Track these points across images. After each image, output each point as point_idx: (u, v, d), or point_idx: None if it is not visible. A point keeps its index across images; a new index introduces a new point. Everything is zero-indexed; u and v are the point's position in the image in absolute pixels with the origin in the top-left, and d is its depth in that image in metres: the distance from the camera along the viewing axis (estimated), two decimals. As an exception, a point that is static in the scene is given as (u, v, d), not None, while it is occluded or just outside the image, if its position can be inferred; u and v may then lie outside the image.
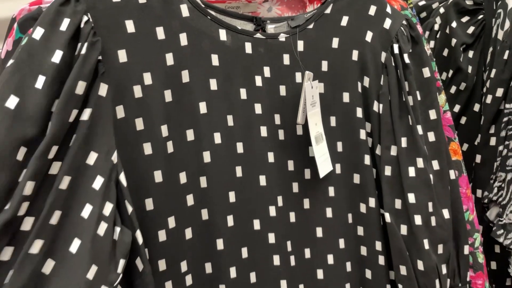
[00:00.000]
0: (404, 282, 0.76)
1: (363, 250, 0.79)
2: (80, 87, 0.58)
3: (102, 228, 0.58)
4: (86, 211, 0.58)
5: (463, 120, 1.06)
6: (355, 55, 0.78)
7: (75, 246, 0.56)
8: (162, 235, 0.67)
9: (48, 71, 0.57)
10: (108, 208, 0.59)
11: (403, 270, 0.76)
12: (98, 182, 0.59)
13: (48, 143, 0.55)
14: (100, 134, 0.60)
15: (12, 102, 0.55)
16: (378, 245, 0.78)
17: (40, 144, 0.55)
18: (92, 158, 0.59)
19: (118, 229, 0.60)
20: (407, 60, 0.77)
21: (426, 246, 0.75)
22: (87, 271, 0.55)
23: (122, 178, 0.62)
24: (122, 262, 0.59)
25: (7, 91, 0.55)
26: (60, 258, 0.56)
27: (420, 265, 0.75)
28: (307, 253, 0.77)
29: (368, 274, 0.80)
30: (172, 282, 0.68)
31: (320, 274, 0.77)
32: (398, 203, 0.76)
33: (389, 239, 0.77)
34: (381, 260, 0.79)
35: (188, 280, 0.70)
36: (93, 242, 0.56)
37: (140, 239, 0.62)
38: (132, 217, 0.61)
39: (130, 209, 0.61)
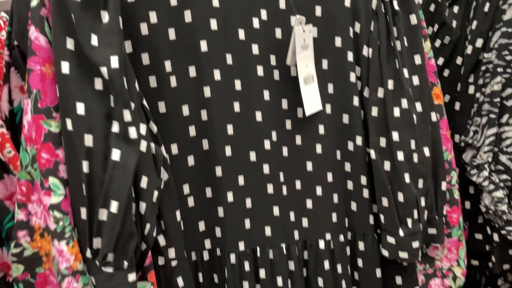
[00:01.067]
0: (386, 213, 0.83)
1: (350, 185, 0.86)
2: None
3: (143, 145, 0.66)
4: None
5: (446, 72, 1.11)
6: (347, 1, 0.82)
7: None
8: (168, 159, 0.74)
9: None
10: (143, 128, 0.67)
11: (385, 201, 0.82)
12: (132, 106, 0.66)
13: None
14: (128, 66, 0.67)
15: None
16: (363, 180, 0.85)
17: None
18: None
19: (153, 144, 0.69)
20: (396, 7, 0.82)
21: (407, 180, 0.81)
22: (140, 181, 0.67)
23: (145, 102, 0.69)
24: (162, 170, 0.70)
25: None
26: None
27: (401, 197, 0.81)
28: (298, 184, 0.83)
29: (353, 206, 0.86)
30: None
31: (309, 203, 0.84)
32: (382, 141, 0.83)
33: (373, 174, 0.83)
34: (366, 193, 0.85)
35: (190, 201, 0.77)
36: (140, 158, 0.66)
37: (165, 153, 0.71)
38: (157, 135, 0.70)
39: (155, 128, 0.70)
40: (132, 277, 0.66)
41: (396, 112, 0.81)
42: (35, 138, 0.65)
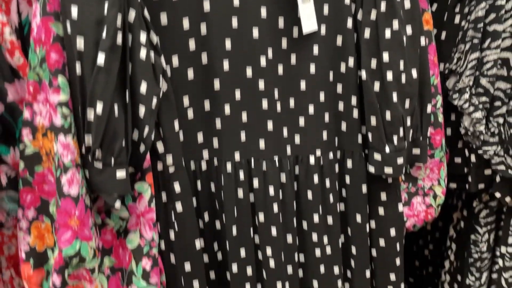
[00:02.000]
0: (373, 131, 0.87)
1: (341, 106, 0.89)
2: None
3: (143, 52, 0.69)
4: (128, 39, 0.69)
5: (434, 7, 1.12)
6: None
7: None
8: (167, 71, 0.76)
9: None
10: (143, 36, 0.69)
11: (373, 120, 0.86)
12: (132, 14, 0.69)
13: None
14: None
15: None
16: (354, 100, 0.88)
17: None
18: None
19: (152, 53, 0.71)
20: None
21: (395, 99, 0.85)
22: (140, 86, 0.71)
23: (146, 13, 0.71)
24: (162, 79, 0.73)
25: None
26: None
27: (388, 115, 0.85)
28: (292, 102, 0.86)
29: (343, 126, 0.90)
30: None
31: (301, 121, 0.87)
32: (373, 62, 0.85)
33: (364, 94, 0.86)
34: (355, 113, 0.89)
35: (190, 114, 0.80)
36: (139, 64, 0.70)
37: (164, 64, 0.74)
38: (157, 46, 0.72)
39: (155, 39, 0.72)
40: (120, 174, 0.70)
41: (387, 33, 0.84)
42: (45, 40, 0.67)
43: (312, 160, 0.87)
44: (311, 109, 0.87)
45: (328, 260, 0.89)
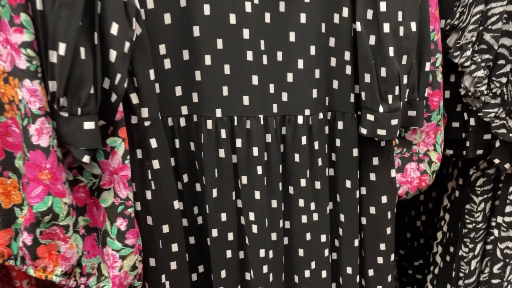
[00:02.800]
0: (367, 89, 0.81)
1: (333, 61, 0.83)
2: None
3: None
4: None
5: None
6: None
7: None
8: (142, 14, 0.69)
9: None
10: None
11: (367, 77, 0.80)
12: None
13: None
14: None
15: None
16: (347, 55, 0.82)
17: None
18: None
19: None
20: None
21: (391, 54, 0.78)
22: (110, 27, 0.64)
23: None
24: (134, 22, 0.66)
25: None
26: None
27: (383, 71, 0.79)
28: (279, 55, 0.80)
29: (335, 84, 0.84)
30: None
31: (289, 77, 0.81)
32: (369, 13, 0.78)
33: (358, 48, 0.80)
34: (348, 70, 0.83)
35: (167, 63, 0.74)
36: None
37: (138, 4, 0.68)
38: None
39: None
40: (88, 125, 0.64)
41: (385, -19, 0.77)
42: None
43: (300, 120, 0.82)
44: (300, 64, 0.81)
45: (314, 228, 0.86)
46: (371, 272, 0.90)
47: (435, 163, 0.93)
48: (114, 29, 0.65)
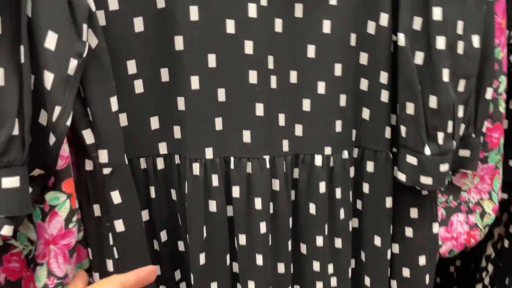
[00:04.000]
0: (409, 123, 0.63)
1: (364, 84, 0.65)
2: None
3: None
4: None
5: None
6: None
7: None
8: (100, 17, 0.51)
9: None
10: None
11: (410, 107, 0.62)
12: None
13: None
14: None
15: None
16: (383, 77, 0.63)
17: None
18: None
19: None
20: None
21: (445, 78, 0.60)
22: (44, 38, 0.46)
23: None
24: (86, 29, 0.49)
25: None
26: None
27: (433, 101, 0.61)
28: (293, 76, 0.62)
29: (366, 113, 0.66)
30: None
31: (306, 104, 0.63)
32: (417, 22, 0.60)
33: (399, 68, 0.62)
34: (384, 96, 0.64)
35: (138, 86, 0.58)
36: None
37: (93, 5, 0.50)
38: None
39: None
40: (9, 182, 0.45)
41: (441, -21, 0.58)
42: None
43: (318, 160, 0.65)
44: (321, 87, 0.63)
45: None
46: None
47: (489, 215, 0.75)
48: (51, 41, 0.45)
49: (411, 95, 0.62)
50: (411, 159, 0.64)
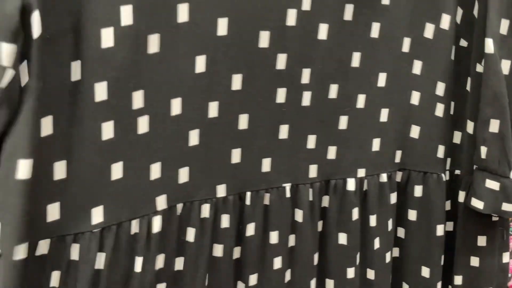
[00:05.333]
0: (493, 143, 0.58)
1: (415, 97, 0.59)
2: None
3: None
4: None
5: None
6: None
7: None
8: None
9: None
10: None
11: (494, 125, 0.56)
12: None
13: None
14: None
15: None
16: (440, 88, 0.59)
17: None
18: None
19: None
20: None
21: None
22: None
23: None
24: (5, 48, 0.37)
25: None
26: None
27: None
28: (333, 90, 0.55)
29: (415, 131, 0.61)
30: None
31: (343, 122, 0.57)
32: (504, 25, 0.55)
33: (484, 79, 0.56)
34: (439, 110, 0.60)
35: (143, 125, 0.47)
36: None
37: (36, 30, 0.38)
38: None
39: None
40: None
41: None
42: None
43: (351, 184, 0.60)
44: (360, 100, 0.57)
45: None
46: None
47: None
48: None
49: (497, 111, 0.56)
50: (492, 184, 0.59)
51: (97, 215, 0.45)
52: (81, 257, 0.45)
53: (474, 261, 0.65)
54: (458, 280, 0.66)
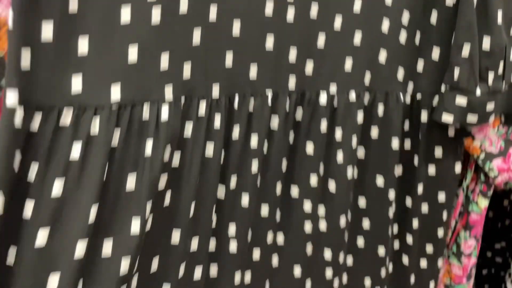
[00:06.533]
0: (464, 65, 0.63)
1: (385, 24, 0.63)
2: None
3: None
4: None
5: None
6: None
7: None
8: None
9: None
10: None
11: (466, 49, 0.62)
12: None
13: None
14: None
15: None
16: (405, 17, 0.64)
17: None
18: None
19: None
20: None
21: (499, 20, 0.60)
22: None
23: None
24: None
25: None
26: None
27: (487, 42, 0.62)
28: (314, 9, 0.60)
29: (382, 55, 0.64)
30: None
31: (321, 40, 0.61)
32: None
33: (459, 10, 0.62)
34: (403, 37, 0.64)
35: (156, 14, 0.52)
36: None
37: None
38: None
39: None
40: None
41: None
42: None
43: (323, 98, 0.63)
44: (337, 21, 0.61)
45: (319, 240, 0.67)
46: (412, 279, 0.74)
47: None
48: None
49: (469, 37, 0.61)
50: (461, 100, 0.64)
51: (115, 92, 0.48)
52: (100, 131, 0.47)
53: (432, 171, 0.71)
54: (420, 188, 0.70)
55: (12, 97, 0.43)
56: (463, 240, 0.76)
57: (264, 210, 0.63)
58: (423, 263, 0.73)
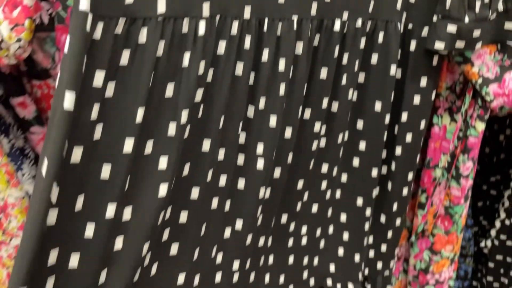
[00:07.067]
0: None
1: None
2: None
3: None
4: None
5: None
6: None
7: None
8: None
9: None
10: None
11: None
12: None
13: None
14: None
15: None
16: None
17: None
18: None
19: None
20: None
21: None
22: None
23: None
24: None
25: None
26: None
27: None
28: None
29: None
30: None
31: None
32: None
33: None
34: None
35: None
36: None
37: None
38: None
39: None
40: None
41: None
42: None
43: (337, 26, 0.65)
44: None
45: (319, 155, 0.72)
46: (395, 206, 0.79)
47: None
48: None
49: None
50: (451, 28, 0.68)
51: (162, 5, 0.51)
52: (148, 40, 0.50)
53: (417, 100, 0.74)
54: (404, 116, 0.74)
55: (84, 3, 0.46)
56: (461, 163, 0.80)
57: (288, 132, 0.67)
58: (405, 191, 0.78)
